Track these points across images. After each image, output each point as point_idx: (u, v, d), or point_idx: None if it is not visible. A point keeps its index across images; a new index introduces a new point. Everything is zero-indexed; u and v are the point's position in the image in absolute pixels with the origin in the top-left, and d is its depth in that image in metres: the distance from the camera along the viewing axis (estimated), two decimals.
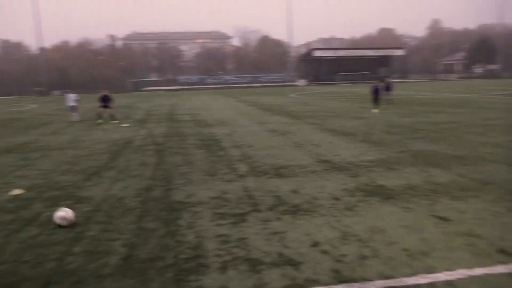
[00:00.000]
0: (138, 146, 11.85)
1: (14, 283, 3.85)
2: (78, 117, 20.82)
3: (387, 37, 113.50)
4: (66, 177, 8.11)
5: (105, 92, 20.04)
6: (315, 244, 4.47)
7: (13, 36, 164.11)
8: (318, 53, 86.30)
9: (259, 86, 77.44)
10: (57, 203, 6.31)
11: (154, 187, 7.11)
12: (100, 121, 18.77)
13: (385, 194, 6.20)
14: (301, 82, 78.01)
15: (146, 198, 6.46)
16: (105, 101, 19.74)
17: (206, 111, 23.95)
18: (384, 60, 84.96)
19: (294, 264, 4.03)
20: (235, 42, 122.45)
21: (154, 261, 4.21)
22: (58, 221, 5.26)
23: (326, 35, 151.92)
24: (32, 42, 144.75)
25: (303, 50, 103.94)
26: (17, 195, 6.88)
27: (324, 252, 4.27)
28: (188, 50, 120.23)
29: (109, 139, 13.51)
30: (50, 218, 5.58)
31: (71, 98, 21.30)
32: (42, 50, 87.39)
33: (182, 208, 5.89)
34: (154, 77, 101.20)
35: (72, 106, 21.09)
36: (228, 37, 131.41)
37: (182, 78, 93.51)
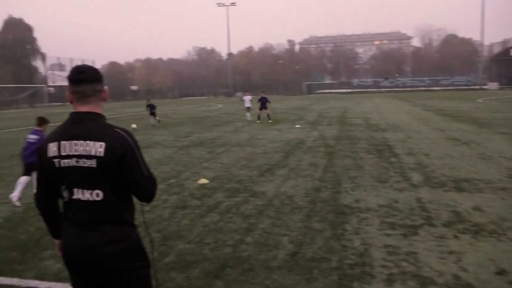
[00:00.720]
0: (309, 147, 12.20)
1: (197, 261, 4.41)
2: (250, 117, 22.50)
3: None
4: (243, 172, 8.89)
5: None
6: (502, 273, 3.89)
7: (208, 43, 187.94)
8: None
9: (440, 90, 71.15)
10: (235, 195, 6.98)
11: (323, 189, 7.22)
12: (258, 121, 20.67)
13: None
14: (492, 85, 68.76)
15: (315, 199, 6.60)
16: (262, 102, 21.37)
17: (379, 115, 23.17)
18: None
19: None
20: (415, 42, 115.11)
21: (319, 261, 4.28)
22: None
23: None
24: (222, 49, 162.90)
25: (497, 49, 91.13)
26: (203, 184, 7.85)
27: None
28: (364, 52, 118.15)
29: (283, 139, 14.26)
30: (229, 207, 6.21)
31: (247, 99, 23.22)
32: (230, 55, 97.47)
33: (350, 213, 5.83)
34: (328, 80, 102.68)
35: (248, 107, 22.97)
36: (408, 38, 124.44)
37: (356, 81, 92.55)
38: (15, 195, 6.76)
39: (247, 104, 23.05)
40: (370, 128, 16.58)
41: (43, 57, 74.73)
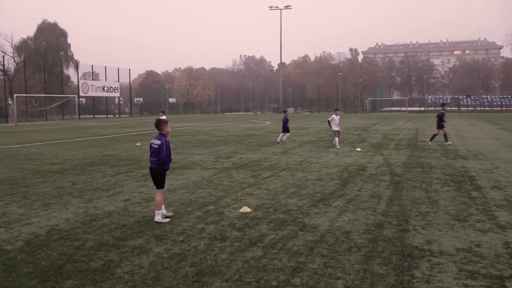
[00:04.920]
0: (371, 174, 11.97)
1: None
2: (339, 144, 19.38)
3: None
4: (292, 201, 8.84)
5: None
6: None
7: (257, 52, 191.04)
8: None
9: None
10: (282, 227, 6.94)
11: (387, 225, 7.02)
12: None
13: None
14: None
15: (376, 237, 6.43)
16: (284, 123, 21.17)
17: (458, 139, 22.39)
18: None
19: None
20: (506, 52, 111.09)
21: None
22: None
23: None
24: (273, 58, 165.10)
25: None
26: (245, 213, 7.87)
27: None
28: (442, 64, 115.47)
29: (340, 163, 14.09)
30: (274, 242, 6.18)
31: (336, 120, 19.87)
32: (282, 65, 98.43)
33: (419, 256, 5.62)
34: (396, 96, 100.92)
35: (336, 131, 19.65)
36: (497, 47, 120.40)
37: (430, 97, 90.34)
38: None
39: (335, 127, 19.63)
40: (446, 155, 16.04)
41: (76, 65, 79.00)
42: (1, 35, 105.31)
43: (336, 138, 19.37)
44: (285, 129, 21.50)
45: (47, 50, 76.89)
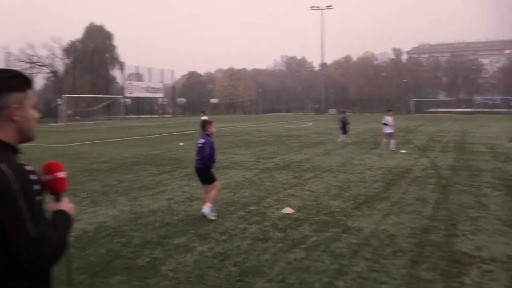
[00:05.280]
0: (416, 177, 11.69)
1: None
2: (395, 146, 18.33)
3: None
4: (335, 203, 8.76)
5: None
6: None
7: (298, 52, 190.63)
8: None
9: None
10: (324, 229, 6.89)
11: (433, 229, 6.84)
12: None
13: None
14: None
15: (423, 241, 6.28)
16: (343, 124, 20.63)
17: (510, 143, 21.54)
18: None
19: None
20: None
21: None
22: None
23: None
24: (315, 58, 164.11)
25: None
26: (288, 214, 7.86)
27: None
28: (490, 63, 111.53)
29: (384, 166, 13.84)
30: (317, 244, 6.14)
31: (389, 122, 18.82)
32: (323, 66, 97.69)
33: (469, 262, 5.44)
34: (442, 97, 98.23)
35: (389, 133, 18.55)
36: None
37: (479, 98, 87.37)
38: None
39: (389, 129, 18.47)
40: (497, 158, 15.46)
41: (122, 66, 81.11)
42: (51, 38, 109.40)
43: (392, 140, 18.34)
44: (344, 130, 21.04)
45: (94, 52, 79.26)
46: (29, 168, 1.76)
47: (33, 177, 1.75)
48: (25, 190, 1.69)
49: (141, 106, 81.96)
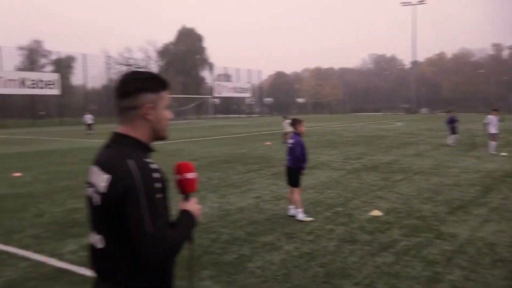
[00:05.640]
0: None
1: None
2: (495, 149, 16.68)
3: None
4: (427, 206, 8.37)
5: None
6: None
7: (387, 50, 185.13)
8: None
9: None
10: (415, 233, 6.61)
11: None
12: None
13: None
14: None
15: None
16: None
17: None
18: None
19: None
20: None
21: None
22: None
23: None
24: (405, 56, 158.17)
25: None
26: (376, 217, 7.65)
27: None
28: None
29: (481, 169, 13.00)
30: (407, 248, 5.91)
31: (494, 121, 17.18)
32: (415, 64, 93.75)
33: None
34: None
35: (493, 134, 16.92)
36: None
37: None
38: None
39: (493, 130, 17.01)
40: None
41: (211, 67, 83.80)
42: (147, 42, 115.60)
43: (493, 142, 16.84)
44: (453, 130, 20.05)
45: (186, 54, 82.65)
46: (154, 166, 1.85)
47: (156, 175, 1.83)
48: (147, 188, 1.77)
49: (229, 106, 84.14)
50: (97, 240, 1.90)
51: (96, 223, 1.91)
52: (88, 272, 5.27)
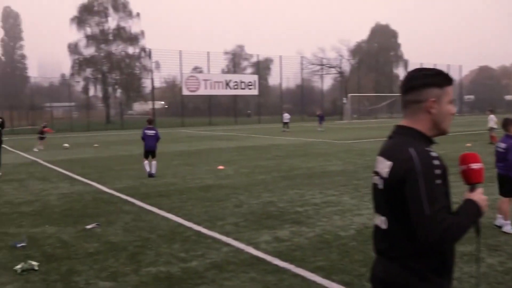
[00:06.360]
0: None
1: None
2: None
3: None
4: None
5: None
6: None
7: None
8: None
9: None
10: None
11: None
12: None
13: None
14: None
15: None
16: None
17: None
18: None
19: None
20: None
21: None
22: None
23: None
24: None
25: None
26: None
27: None
28: None
29: None
30: None
31: None
32: None
33: None
34: None
35: None
36: None
37: None
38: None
39: None
40: None
41: (406, 64, 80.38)
42: (339, 41, 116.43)
43: None
44: None
45: (379, 51, 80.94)
46: (434, 154, 1.97)
47: (436, 162, 1.95)
48: (426, 172, 1.90)
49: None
50: (381, 221, 2.10)
51: (381, 206, 2.12)
52: (281, 263, 5.56)
